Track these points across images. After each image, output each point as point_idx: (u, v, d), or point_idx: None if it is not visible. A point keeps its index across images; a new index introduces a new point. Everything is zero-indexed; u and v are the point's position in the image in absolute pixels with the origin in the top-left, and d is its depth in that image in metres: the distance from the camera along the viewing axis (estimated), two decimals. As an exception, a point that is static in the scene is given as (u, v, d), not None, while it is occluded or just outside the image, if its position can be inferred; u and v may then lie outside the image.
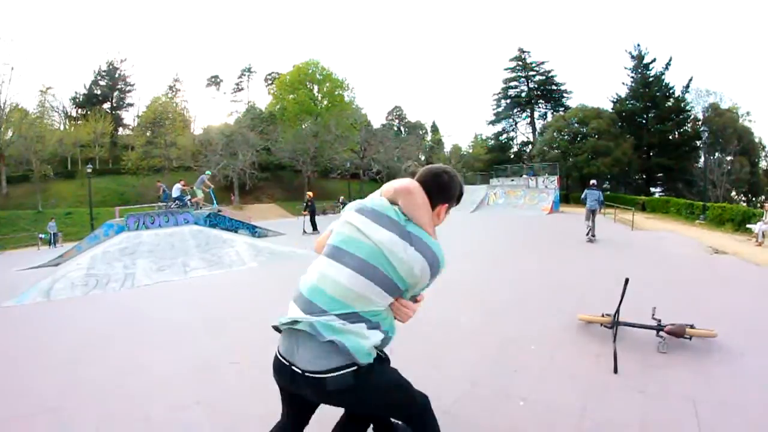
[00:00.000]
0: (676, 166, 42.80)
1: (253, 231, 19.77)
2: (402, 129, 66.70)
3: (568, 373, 3.98)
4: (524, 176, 30.89)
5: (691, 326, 4.39)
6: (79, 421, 3.53)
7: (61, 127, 51.60)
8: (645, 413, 3.21)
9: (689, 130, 43.78)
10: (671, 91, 44.65)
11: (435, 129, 70.47)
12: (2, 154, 39.53)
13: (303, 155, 47.05)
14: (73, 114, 54.27)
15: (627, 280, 4.44)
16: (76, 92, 55.23)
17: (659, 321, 4.50)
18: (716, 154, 40.11)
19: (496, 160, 46.83)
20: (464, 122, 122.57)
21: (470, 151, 63.54)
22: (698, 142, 41.48)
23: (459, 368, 4.19)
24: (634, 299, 5.09)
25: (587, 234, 13.05)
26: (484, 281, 8.31)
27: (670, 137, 44.10)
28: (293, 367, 1.79)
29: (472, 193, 30.00)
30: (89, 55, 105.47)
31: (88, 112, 50.75)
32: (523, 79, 54.84)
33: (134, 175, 46.49)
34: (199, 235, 14.16)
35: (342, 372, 1.72)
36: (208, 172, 23.61)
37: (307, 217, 20.85)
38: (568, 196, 38.89)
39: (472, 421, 3.24)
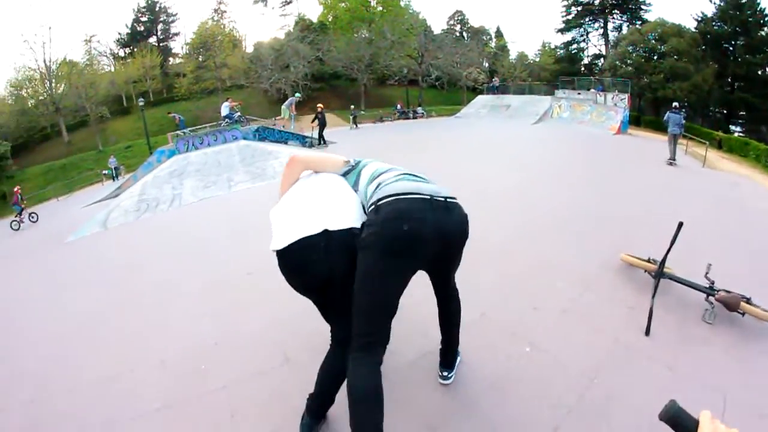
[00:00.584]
0: (763, 106, 36.74)
1: (304, 141, 19.80)
2: (464, 34, 62.34)
3: (592, 323, 3.43)
4: (592, 90, 27.97)
5: (748, 300, 3.47)
6: (115, 325, 4.45)
7: (111, 69, 53.05)
8: (666, 398, 2.54)
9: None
10: (767, 18, 37.29)
11: (499, 34, 64.93)
12: (58, 108, 41.36)
13: (357, 63, 45.62)
14: (121, 54, 55.56)
15: (681, 225, 3.44)
16: (119, 33, 56.20)
17: (712, 283, 3.65)
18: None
19: (564, 72, 42.56)
20: (531, 28, 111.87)
21: (537, 59, 58.72)
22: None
23: (474, 293, 3.59)
24: (687, 250, 3.98)
25: (669, 158, 12.26)
26: (527, 200, 7.31)
27: (760, 72, 37.71)
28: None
29: (536, 103, 27.93)
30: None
31: (135, 50, 51.70)
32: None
33: (188, 101, 47.41)
34: (245, 149, 14.21)
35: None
36: (297, 94, 25.09)
37: (316, 130, 20.17)
38: (639, 118, 35.17)
39: (465, 359, 2.96)
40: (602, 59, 48.12)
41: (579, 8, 50.75)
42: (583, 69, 49.01)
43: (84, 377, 3.47)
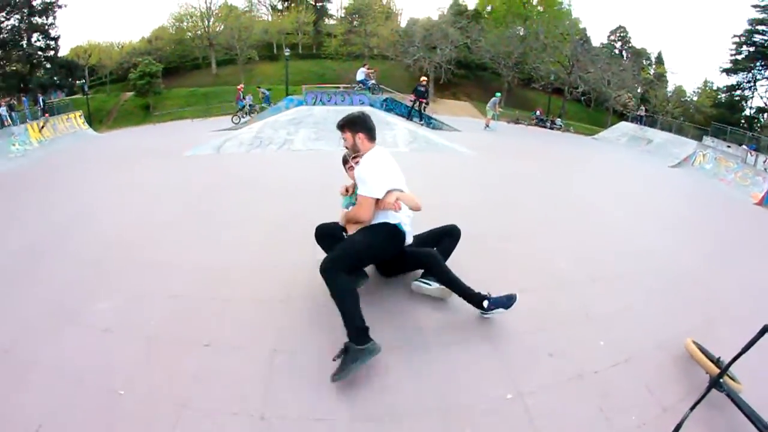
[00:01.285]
0: None
1: (429, 122, 20.13)
2: (623, 53, 58.66)
3: (607, 406, 2.89)
4: (744, 147, 24.89)
5: None
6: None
7: (268, 19, 57.23)
8: None
9: None
10: None
11: (660, 61, 60.11)
12: (212, 43, 46.59)
13: (505, 59, 45.23)
14: (279, 7, 59.72)
15: (766, 329, 2.44)
16: None
17: None
18: None
19: (721, 119, 37.56)
20: (696, 61, 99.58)
21: (694, 98, 53.30)
22: None
23: None
24: None
25: None
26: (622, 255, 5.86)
27: None
28: None
29: (680, 145, 25.70)
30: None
31: (292, 4, 55.86)
32: (776, 25, 42.27)
33: (334, 60, 49.79)
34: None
35: None
36: (498, 94, 25.90)
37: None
38: None
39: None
40: (766, 114, 42.98)
41: (751, 49, 44.64)
42: (743, 121, 43.79)
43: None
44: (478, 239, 4.72)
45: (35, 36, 37.03)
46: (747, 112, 46.86)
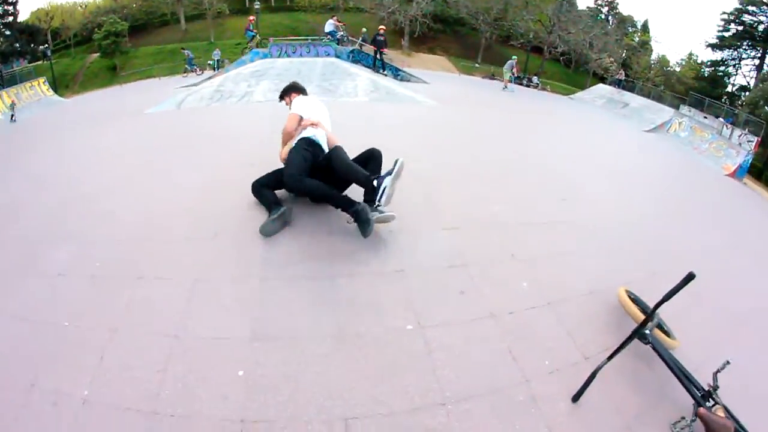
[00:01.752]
0: None
1: (396, 74, 20.09)
2: (610, 19, 57.63)
3: (515, 353, 2.92)
4: (720, 119, 25.45)
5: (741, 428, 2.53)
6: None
7: None
8: None
9: None
10: None
11: (645, 28, 59.17)
12: None
13: (484, 14, 44.64)
14: None
15: (690, 277, 2.34)
16: None
17: (714, 389, 2.62)
18: None
19: (702, 91, 36.56)
20: (682, 33, 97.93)
21: (677, 69, 52.76)
22: None
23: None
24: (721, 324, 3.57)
25: None
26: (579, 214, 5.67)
27: None
28: None
29: (656, 111, 25.94)
30: None
31: None
32: (765, 8, 41.81)
33: (306, 12, 48.77)
34: (329, 66, 14.94)
35: None
36: (514, 57, 25.85)
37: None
38: (762, 171, 30.86)
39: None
40: (746, 92, 43.23)
41: (739, 28, 45.21)
42: (724, 97, 43.82)
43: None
44: (414, 180, 4.85)
45: None
46: (729, 89, 47.05)
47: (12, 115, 19.45)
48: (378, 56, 19.19)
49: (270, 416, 2.35)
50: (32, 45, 37.28)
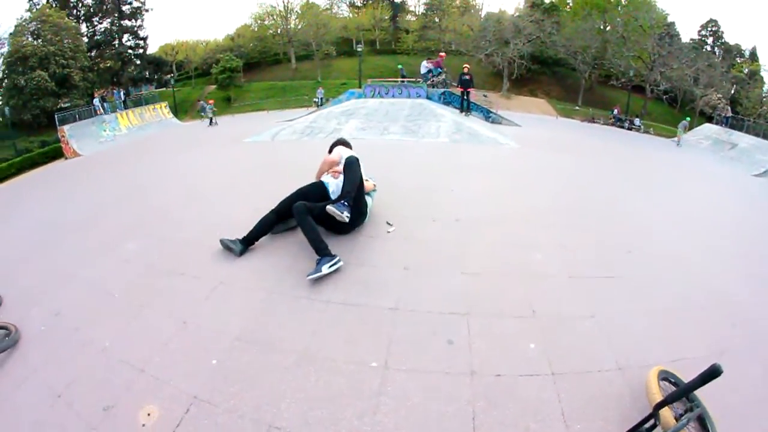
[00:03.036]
0: None
1: (488, 115, 20.28)
2: (716, 50, 52.89)
3: (479, 422, 2.44)
4: None
5: None
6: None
7: (348, 15, 59.83)
8: None
9: None
10: None
11: (754, 57, 53.21)
12: (291, 39, 50.00)
13: (582, 53, 43.41)
14: (357, 3, 61.81)
15: (716, 372, 1.84)
16: None
17: None
18: None
19: None
20: None
21: None
22: None
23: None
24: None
25: None
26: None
27: None
28: None
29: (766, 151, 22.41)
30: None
31: (370, 2, 57.97)
32: None
33: (409, 55, 50.57)
34: (416, 107, 15.50)
35: None
36: (687, 118, 27.53)
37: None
38: None
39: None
40: None
41: None
42: None
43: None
44: (454, 221, 5.06)
45: (126, 36, 42.44)
46: None
47: (211, 119, 24.05)
48: (465, 97, 18.17)
49: (216, 401, 2.64)
50: (158, 74, 43.58)
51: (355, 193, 4.23)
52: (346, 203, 4.14)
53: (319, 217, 4.15)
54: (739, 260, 5.32)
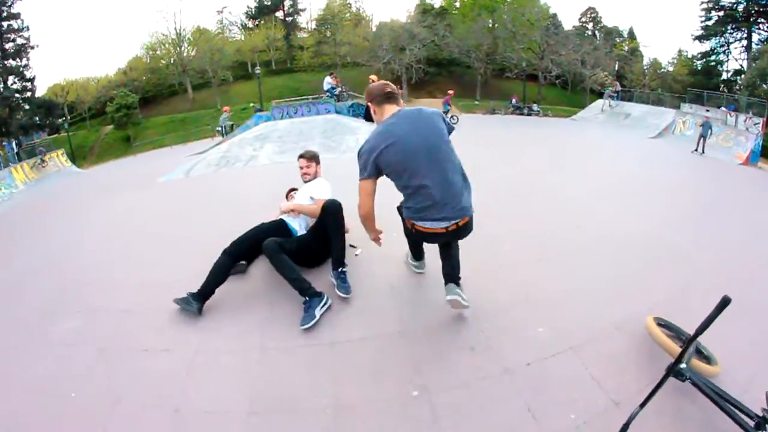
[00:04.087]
0: None
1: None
2: (596, 34, 58.37)
3: (535, 411, 2.61)
4: (723, 109, 24.55)
5: None
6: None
7: (241, 38, 58.25)
8: None
9: None
10: None
11: (632, 36, 59.70)
12: (185, 68, 47.56)
13: (476, 51, 45.72)
14: (249, 25, 60.69)
15: (725, 302, 2.06)
16: (248, 6, 61.58)
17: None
18: None
19: (699, 85, 37.03)
20: (668, 33, 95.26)
21: (671, 68, 52.69)
22: None
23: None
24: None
25: None
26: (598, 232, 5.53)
27: None
28: None
29: (658, 115, 25.56)
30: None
31: (261, 22, 56.87)
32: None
33: (306, 72, 50.38)
34: (329, 122, 15.38)
35: None
36: (609, 88, 28.38)
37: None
38: None
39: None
40: (741, 75, 42.32)
41: (720, 14, 44.52)
42: (721, 86, 43.06)
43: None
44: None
45: (11, 79, 37.42)
46: (724, 76, 46.65)
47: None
48: None
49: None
50: (50, 118, 39.14)
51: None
52: (343, 277, 3.77)
53: (292, 252, 3.73)
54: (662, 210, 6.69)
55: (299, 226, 4.29)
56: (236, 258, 4.00)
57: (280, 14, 61.32)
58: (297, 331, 3.37)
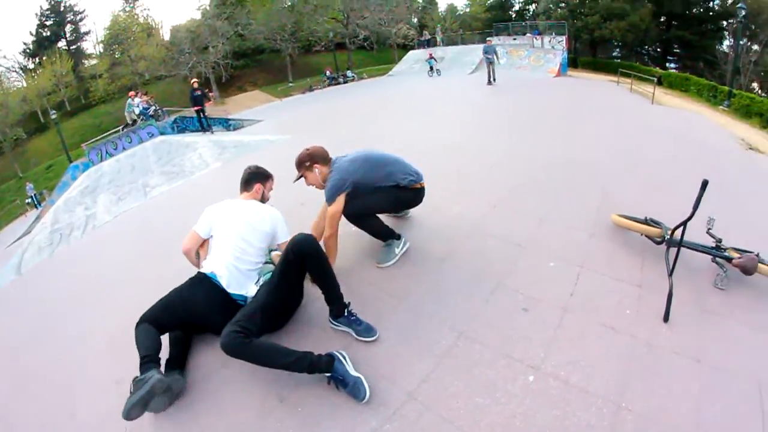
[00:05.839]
0: (697, 43, 37.74)
1: (227, 125, 19.06)
2: None
3: (601, 319, 2.83)
4: (528, 35, 28.36)
5: (757, 256, 3.03)
6: None
7: (23, 84, 49.56)
8: (701, 400, 2.23)
9: (717, 6, 37.73)
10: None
11: None
12: None
13: (280, 33, 44.52)
14: (30, 66, 51.84)
15: (705, 184, 2.59)
16: (24, 43, 52.77)
17: (719, 241, 3.21)
18: (744, 39, 33.33)
19: (496, 20, 41.85)
20: None
21: (467, 10, 57.17)
22: (725, 23, 36.95)
23: (442, 312, 3.10)
24: (665, 200, 4.09)
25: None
26: (485, 160, 6.48)
27: (695, 10, 38.36)
28: None
29: (470, 53, 27.63)
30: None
31: (43, 58, 47.92)
32: None
33: (106, 103, 45.25)
34: (161, 146, 13.32)
35: None
36: (488, 39, 24.94)
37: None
38: (576, 60, 35.96)
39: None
40: (534, 4, 47.71)
41: None
42: (515, 16, 48.34)
43: None
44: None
45: None
46: (517, 7, 51.54)
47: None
48: (202, 114, 16.70)
49: None
50: None
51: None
52: (356, 317, 2.98)
53: (262, 326, 2.67)
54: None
55: (233, 279, 3.03)
56: (164, 330, 2.87)
57: (63, 44, 53.89)
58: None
